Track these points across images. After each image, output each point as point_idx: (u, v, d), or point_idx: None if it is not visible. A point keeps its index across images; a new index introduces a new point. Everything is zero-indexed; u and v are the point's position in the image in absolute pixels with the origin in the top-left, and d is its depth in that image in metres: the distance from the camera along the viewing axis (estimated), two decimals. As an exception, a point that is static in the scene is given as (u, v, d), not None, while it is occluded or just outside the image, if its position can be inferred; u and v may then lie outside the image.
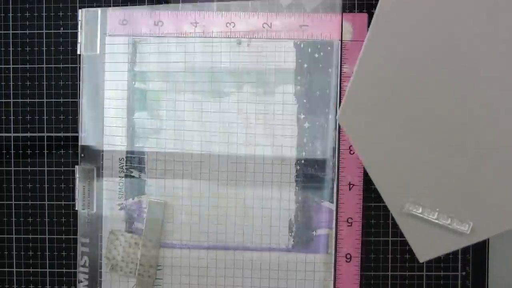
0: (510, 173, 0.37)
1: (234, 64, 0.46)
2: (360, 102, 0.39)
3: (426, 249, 0.39)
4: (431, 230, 0.39)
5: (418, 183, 0.39)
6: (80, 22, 0.46)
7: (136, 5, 0.47)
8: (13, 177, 0.47)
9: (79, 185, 0.47)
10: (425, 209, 0.39)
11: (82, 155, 0.47)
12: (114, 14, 0.47)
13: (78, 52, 0.46)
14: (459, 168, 0.38)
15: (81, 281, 0.47)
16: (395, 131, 0.39)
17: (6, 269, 0.47)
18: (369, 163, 0.39)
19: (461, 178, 0.38)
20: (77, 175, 0.47)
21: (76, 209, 0.47)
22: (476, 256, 0.47)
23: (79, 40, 0.46)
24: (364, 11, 0.46)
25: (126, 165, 0.47)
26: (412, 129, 0.38)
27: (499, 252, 0.47)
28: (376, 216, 0.46)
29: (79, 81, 0.47)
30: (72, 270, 0.47)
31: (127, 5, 0.47)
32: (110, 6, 0.47)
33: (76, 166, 0.47)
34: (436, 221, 0.38)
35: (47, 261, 0.47)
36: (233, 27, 0.46)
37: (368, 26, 0.46)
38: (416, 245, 0.40)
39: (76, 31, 0.46)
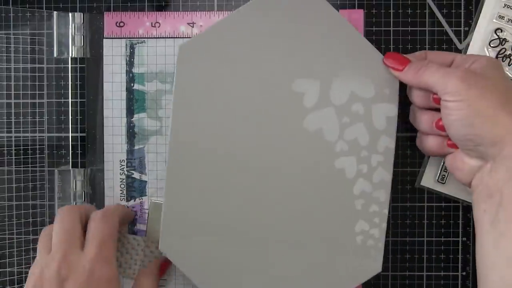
0: (315, 259, 0.43)
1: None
2: (175, 225, 0.43)
3: None
4: None
5: (242, 282, 0.43)
6: (74, 25, 0.47)
7: (135, 9, 0.47)
8: (13, 176, 0.47)
9: (78, 187, 0.47)
10: None
11: (83, 156, 0.47)
12: (111, 16, 0.47)
13: (73, 55, 0.47)
14: (273, 261, 0.43)
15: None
16: (211, 240, 0.43)
17: (7, 269, 0.47)
18: (195, 276, 0.43)
19: (277, 270, 0.43)
20: (75, 178, 0.47)
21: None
22: (477, 256, 0.46)
23: (74, 44, 0.47)
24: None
25: (126, 167, 0.47)
26: (225, 237, 0.43)
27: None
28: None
29: (78, 82, 0.47)
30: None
31: (126, 9, 0.47)
32: (110, 8, 0.47)
33: (74, 168, 0.47)
34: None
35: (48, 261, 0.47)
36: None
37: (365, 23, 0.46)
38: None
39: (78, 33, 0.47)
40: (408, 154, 0.46)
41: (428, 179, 0.46)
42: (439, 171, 0.45)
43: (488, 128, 0.37)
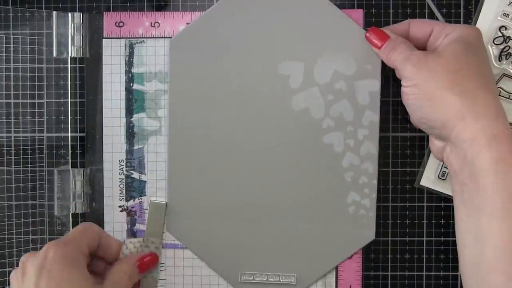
0: (311, 230, 0.45)
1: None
2: (179, 206, 0.46)
3: None
4: None
5: (245, 255, 0.46)
6: (73, 25, 0.47)
7: (135, 9, 0.47)
8: (13, 176, 0.47)
9: (77, 187, 0.47)
10: (256, 275, 0.46)
11: (82, 156, 0.47)
12: (110, 16, 0.47)
13: (72, 55, 0.47)
14: (272, 234, 0.46)
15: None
16: (214, 221, 0.46)
17: (7, 269, 0.47)
18: (201, 254, 0.46)
19: (276, 243, 0.46)
20: (75, 178, 0.47)
21: (76, 211, 0.47)
22: (476, 255, 0.46)
23: (73, 44, 0.47)
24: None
25: (126, 167, 0.47)
26: (227, 215, 0.46)
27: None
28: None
29: (78, 82, 0.47)
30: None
31: (126, 9, 0.47)
32: (109, 8, 0.47)
33: (73, 168, 0.47)
34: (268, 281, 0.46)
35: (47, 261, 0.47)
36: (229, 25, 0.46)
37: (364, 22, 0.46)
38: None
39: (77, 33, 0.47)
40: (408, 154, 0.46)
41: (428, 179, 0.46)
42: (440, 167, 0.45)
43: (436, 111, 0.37)
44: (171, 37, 0.46)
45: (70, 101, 0.47)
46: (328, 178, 0.45)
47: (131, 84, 0.47)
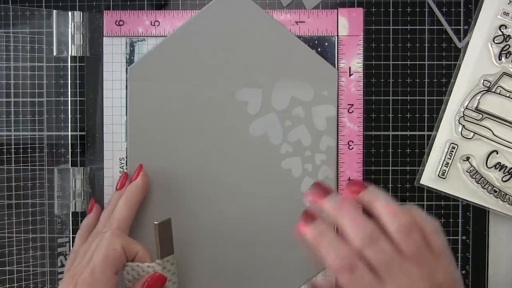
0: (270, 256, 0.46)
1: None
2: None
3: None
4: None
5: (206, 283, 0.46)
6: (74, 24, 0.47)
7: (135, 8, 0.47)
8: (13, 175, 0.47)
9: (77, 186, 0.47)
10: None
11: (82, 155, 0.47)
12: (110, 15, 0.47)
13: (72, 54, 0.47)
14: (231, 261, 0.46)
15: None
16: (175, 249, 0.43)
17: (7, 268, 0.47)
18: None
19: (235, 269, 0.46)
20: (75, 176, 0.47)
21: (76, 210, 0.47)
22: (476, 255, 0.46)
23: (73, 42, 0.47)
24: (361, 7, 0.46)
25: (126, 165, 0.47)
26: (185, 243, 0.46)
27: (499, 252, 0.46)
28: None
29: (78, 81, 0.47)
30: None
31: (126, 7, 0.47)
32: (109, 7, 0.47)
33: (73, 167, 0.47)
34: None
35: (47, 260, 0.47)
36: (229, 24, 0.46)
37: (364, 21, 0.46)
38: None
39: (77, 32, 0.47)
40: (408, 153, 0.46)
41: (428, 178, 0.46)
42: (440, 166, 0.45)
43: None
44: (171, 36, 0.46)
45: (70, 100, 0.47)
46: (287, 202, 0.46)
47: (131, 83, 0.47)
